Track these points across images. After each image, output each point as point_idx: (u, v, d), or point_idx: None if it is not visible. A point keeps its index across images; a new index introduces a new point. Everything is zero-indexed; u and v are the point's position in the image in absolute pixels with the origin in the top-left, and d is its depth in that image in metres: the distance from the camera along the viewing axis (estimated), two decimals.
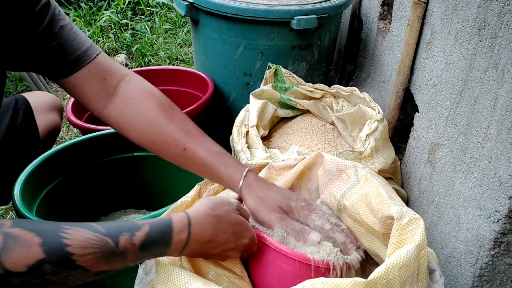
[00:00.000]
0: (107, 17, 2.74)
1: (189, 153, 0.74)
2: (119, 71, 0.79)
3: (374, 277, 0.54)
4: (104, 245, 0.53)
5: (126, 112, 0.77)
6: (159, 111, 0.76)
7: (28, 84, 2.15)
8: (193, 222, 0.60)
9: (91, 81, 0.76)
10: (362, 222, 0.73)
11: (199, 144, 0.74)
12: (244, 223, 0.66)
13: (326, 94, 1.29)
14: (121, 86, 0.78)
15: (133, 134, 0.78)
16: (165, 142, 0.75)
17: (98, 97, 0.78)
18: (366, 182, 0.74)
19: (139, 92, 0.78)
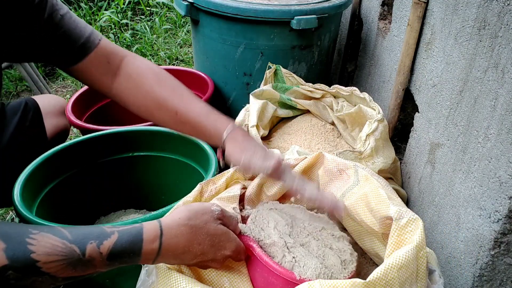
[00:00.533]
0: (107, 17, 2.74)
1: (181, 117, 0.80)
2: (119, 52, 0.86)
3: (373, 278, 0.54)
4: (70, 253, 0.52)
5: (127, 88, 0.84)
6: (153, 82, 0.83)
7: (28, 84, 2.15)
8: (165, 232, 0.58)
9: (97, 65, 0.82)
10: (361, 222, 0.73)
11: (190, 107, 0.80)
12: (225, 234, 0.63)
13: (326, 94, 1.29)
14: (122, 67, 0.85)
15: (134, 107, 0.85)
16: (160, 109, 0.81)
17: (104, 79, 0.84)
18: (366, 183, 0.74)
19: (137, 68, 0.84)
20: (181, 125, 0.82)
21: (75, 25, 0.79)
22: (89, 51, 0.80)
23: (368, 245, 0.76)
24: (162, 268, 0.62)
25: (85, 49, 0.80)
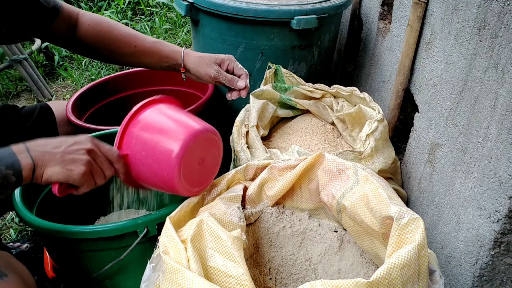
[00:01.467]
0: (107, 17, 2.74)
1: (139, 48, 1.02)
2: (74, 11, 1.03)
3: (376, 278, 0.54)
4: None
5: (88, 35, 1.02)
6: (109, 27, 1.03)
7: (28, 84, 2.15)
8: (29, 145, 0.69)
9: (65, 22, 1.00)
10: (361, 223, 0.73)
11: (143, 40, 1.03)
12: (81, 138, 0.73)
13: (326, 94, 1.29)
14: (79, 20, 1.03)
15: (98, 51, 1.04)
16: (120, 47, 1.02)
17: (68, 33, 1.02)
18: (366, 183, 0.74)
19: (92, 18, 1.03)
20: (141, 56, 1.03)
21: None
22: (59, 12, 0.98)
23: (368, 246, 0.76)
24: (170, 264, 0.62)
25: (56, 10, 0.97)
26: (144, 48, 1.02)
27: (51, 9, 0.97)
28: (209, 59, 1.00)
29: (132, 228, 0.85)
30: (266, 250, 0.83)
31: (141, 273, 0.69)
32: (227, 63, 1.01)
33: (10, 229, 1.38)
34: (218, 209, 0.75)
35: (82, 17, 1.03)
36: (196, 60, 1.01)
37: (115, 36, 1.02)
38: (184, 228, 0.71)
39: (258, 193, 0.84)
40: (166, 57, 1.03)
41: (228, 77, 0.99)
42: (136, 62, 1.06)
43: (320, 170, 0.83)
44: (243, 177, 0.86)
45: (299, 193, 0.87)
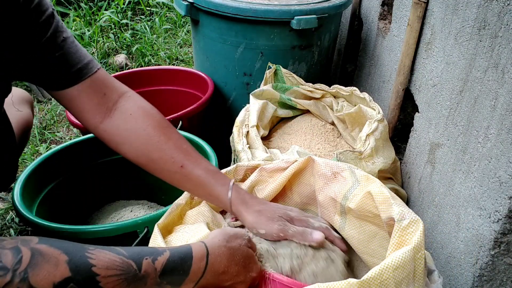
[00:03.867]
0: (107, 17, 2.74)
1: (186, 171, 0.75)
2: (119, 88, 0.81)
3: (368, 277, 0.54)
4: (128, 268, 0.53)
5: (126, 128, 0.77)
6: (157, 129, 0.77)
7: (28, 84, 2.15)
8: (210, 252, 0.60)
9: (91, 95, 0.77)
10: (375, 218, 0.72)
11: (196, 163, 0.76)
12: (253, 257, 0.66)
13: (326, 94, 1.29)
14: (121, 102, 0.79)
15: (130, 149, 0.78)
16: (162, 159, 0.76)
17: (96, 111, 0.78)
18: (368, 182, 0.74)
19: (139, 109, 0.78)
20: (184, 179, 0.76)
21: (76, 50, 0.76)
22: (84, 77, 0.76)
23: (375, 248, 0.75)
24: None
25: (81, 74, 0.76)
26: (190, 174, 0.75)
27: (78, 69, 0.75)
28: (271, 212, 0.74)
29: (132, 228, 0.85)
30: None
31: None
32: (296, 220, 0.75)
33: (10, 229, 1.38)
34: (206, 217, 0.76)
35: (125, 104, 0.79)
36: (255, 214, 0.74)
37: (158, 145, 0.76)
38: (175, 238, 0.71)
39: None
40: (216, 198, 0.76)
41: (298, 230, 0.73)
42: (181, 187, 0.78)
43: (314, 175, 0.82)
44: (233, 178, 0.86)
45: (290, 196, 0.87)
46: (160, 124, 0.78)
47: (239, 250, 0.63)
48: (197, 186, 0.75)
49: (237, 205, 0.74)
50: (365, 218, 0.75)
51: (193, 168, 0.75)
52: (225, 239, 0.63)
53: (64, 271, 0.48)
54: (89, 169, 1.16)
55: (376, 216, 0.71)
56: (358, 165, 1.03)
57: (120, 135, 0.78)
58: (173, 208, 0.77)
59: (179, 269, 0.57)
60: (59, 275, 0.47)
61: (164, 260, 0.56)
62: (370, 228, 0.76)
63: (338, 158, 0.99)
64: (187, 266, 0.58)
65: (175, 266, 0.57)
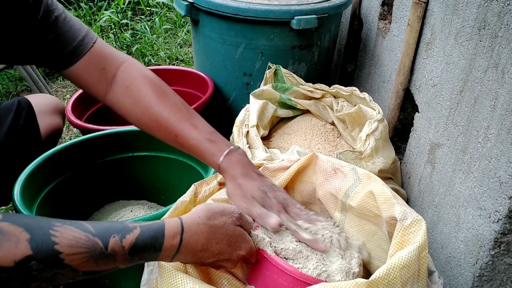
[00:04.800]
0: (107, 17, 2.74)
1: (180, 139, 0.78)
2: (116, 58, 0.82)
3: (376, 277, 0.54)
4: (93, 246, 0.52)
5: (125, 100, 0.80)
6: (154, 97, 0.79)
7: (28, 84, 2.15)
8: (186, 229, 0.59)
9: (91, 70, 0.79)
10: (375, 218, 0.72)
11: (190, 131, 0.78)
12: (241, 235, 0.64)
13: (326, 94, 1.29)
14: (118, 74, 0.81)
15: (132, 120, 0.82)
16: (159, 128, 0.79)
17: (99, 85, 0.80)
18: (369, 180, 0.74)
19: (135, 79, 0.80)
20: (180, 147, 0.80)
21: (69, 26, 0.77)
22: (81, 55, 0.77)
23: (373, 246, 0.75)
24: (166, 268, 0.62)
25: (77, 52, 0.77)
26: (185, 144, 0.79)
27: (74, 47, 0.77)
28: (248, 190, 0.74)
29: None
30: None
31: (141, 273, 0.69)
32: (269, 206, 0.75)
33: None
34: None
35: (122, 75, 0.81)
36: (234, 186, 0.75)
37: (151, 114, 0.79)
38: None
39: None
40: (208, 163, 0.79)
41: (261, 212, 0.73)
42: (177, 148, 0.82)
43: (316, 172, 0.82)
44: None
45: (291, 195, 0.87)
46: (157, 92, 0.80)
47: (222, 228, 0.62)
48: (192, 153, 0.79)
49: (224, 173, 0.76)
50: (365, 217, 0.75)
51: (188, 137, 0.77)
52: (207, 216, 0.61)
53: (24, 249, 0.48)
54: (89, 169, 1.15)
55: (376, 216, 0.72)
56: (358, 165, 1.03)
57: (122, 107, 0.81)
58: (178, 205, 0.77)
59: (149, 247, 0.56)
60: (20, 253, 0.48)
61: (133, 238, 0.55)
62: (370, 227, 0.76)
63: (338, 158, 0.99)
64: (158, 244, 0.57)
65: (145, 244, 0.56)
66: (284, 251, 0.66)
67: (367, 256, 0.73)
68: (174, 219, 0.60)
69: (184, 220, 0.60)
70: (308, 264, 0.64)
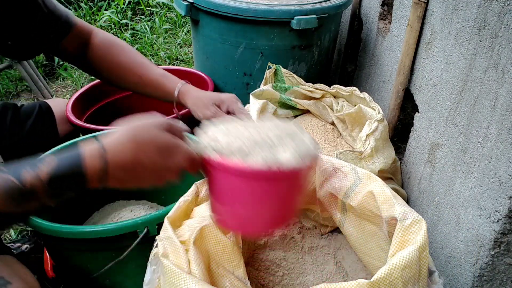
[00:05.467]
0: (107, 17, 2.74)
1: (144, 78, 0.99)
2: (87, 26, 1.00)
3: (377, 278, 0.54)
4: (6, 183, 0.51)
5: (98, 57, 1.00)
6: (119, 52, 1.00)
7: (28, 84, 2.15)
8: (108, 149, 0.57)
9: (75, 42, 0.97)
10: (375, 218, 0.72)
11: (149, 72, 1.00)
12: (174, 144, 0.61)
13: (326, 94, 1.29)
14: (91, 39, 1.00)
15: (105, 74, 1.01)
16: (128, 73, 0.99)
17: (79, 53, 0.99)
18: (370, 180, 0.74)
19: (103, 40, 1.00)
20: (146, 87, 1.00)
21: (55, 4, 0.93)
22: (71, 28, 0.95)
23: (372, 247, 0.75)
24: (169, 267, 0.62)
25: (68, 25, 0.94)
26: (149, 80, 0.99)
27: (62, 24, 0.93)
28: (207, 100, 0.95)
29: (132, 228, 0.85)
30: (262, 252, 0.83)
31: (141, 273, 0.69)
32: (226, 104, 0.94)
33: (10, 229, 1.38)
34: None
35: (95, 36, 0.99)
36: (194, 100, 0.96)
37: (122, 62, 0.99)
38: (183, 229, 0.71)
39: None
40: (167, 93, 0.99)
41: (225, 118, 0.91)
42: (142, 92, 1.02)
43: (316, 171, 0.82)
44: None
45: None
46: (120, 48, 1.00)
47: (149, 141, 0.59)
48: (155, 88, 1.00)
49: (182, 95, 0.98)
50: (365, 217, 0.75)
51: (150, 74, 0.99)
52: (132, 134, 0.59)
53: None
54: None
55: (376, 216, 0.72)
56: (358, 165, 1.03)
57: (98, 64, 1.00)
58: (180, 203, 0.77)
59: (70, 174, 0.55)
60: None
61: (48, 168, 0.54)
62: (369, 228, 0.76)
63: (338, 158, 0.99)
64: (78, 169, 0.55)
65: (64, 171, 0.54)
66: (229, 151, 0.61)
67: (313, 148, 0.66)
68: (91, 142, 0.58)
69: (104, 141, 0.58)
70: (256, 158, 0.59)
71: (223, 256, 0.67)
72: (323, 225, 0.88)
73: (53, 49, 0.95)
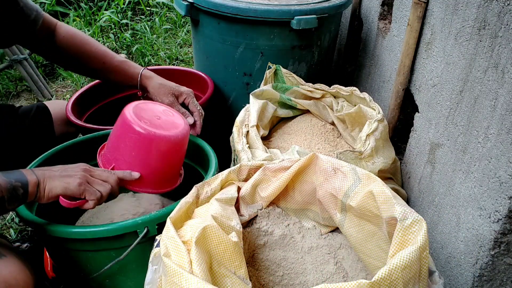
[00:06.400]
0: (107, 17, 2.74)
1: (107, 64, 1.10)
2: (52, 22, 1.10)
3: (378, 278, 0.54)
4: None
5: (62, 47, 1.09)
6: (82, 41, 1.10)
7: (28, 84, 2.15)
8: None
9: (43, 34, 1.07)
10: (375, 218, 0.72)
11: (112, 58, 1.11)
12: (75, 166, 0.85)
13: (326, 94, 1.29)
14: (56, 31, 1.09)
15: (70, 63, 1.14)
16: (92, 59, 1.10)
17: (48, 43, 1.09)
18: (369, 181, 0.74)
19: (67, 32, 1.10)
20: (108, 73, 1.11)
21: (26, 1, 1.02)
22: (39, 22, 1.05)
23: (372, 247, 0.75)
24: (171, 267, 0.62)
25: (37, 19, 1.04)
26: (111, 66, 1.11)
27: (32, 19, 1.03)
28: (168, 89, 1.09)
29: (132, 228, 0.85)
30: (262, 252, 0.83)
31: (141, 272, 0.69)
32: (184, 97, 1.11)
33: (10, 229, 1.38)
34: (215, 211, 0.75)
35: (59, 28, 1.10)
36: (156, 86, 1.10)
37: (86, 50, 1.09)
38: (185, 229, 0.71)
39: (251, 194, 0.84)
40: (130, 77, 1.12)
41: (180, 110, 1.09)
42: (105, 79, 1.15)
43: (316, 172, 0.82)
44: (236, 178, 0.86)
45: (291, 194, 0.87)
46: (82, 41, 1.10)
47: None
48: (117, 73, 1.11)
49: (145, 79, 1.10)
50: (364, 217, 0.75)
51: (112, 61, 1.10)
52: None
53: None
54: None
55: (376, 216, 0.72)
56: (358, 165, 1.03)
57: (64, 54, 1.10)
58: (182, 205, 0.77)
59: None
60: None
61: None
62: (369, 228, 0.76)
63: (338, 158, 0.99)
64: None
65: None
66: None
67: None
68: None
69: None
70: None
71: (225, 256, 0.67)
72: (323, 225, 0.88)
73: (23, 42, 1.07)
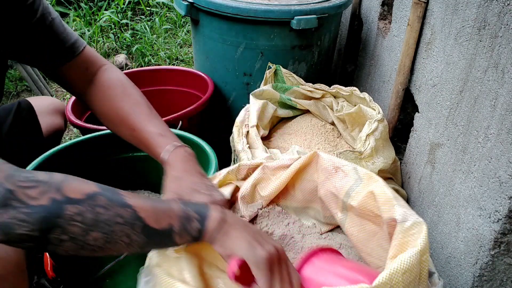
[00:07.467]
0: (107, 17, 2.74)
1: (136, 133, 0.84)
2: (98, 62, 0.90)
3: (379, 283, 0.54)
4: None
5: (97, 98, 0.89)
6: (119, 96, 0.87)
7: (28, 84, 2.15)
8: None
9: (77, 70, 0.87)
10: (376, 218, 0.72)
11: (146, 127, 0.84)
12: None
13: (326, 94, 1.29)
14: (97, 76, 0.89)
15: (101, 117, 0.90)
16: (121, 124, 0.86)
17: (81, 84, 0.89)
18: (371, 181, 0.74)
19: (108, 80, 0.89)
20: (137, 142, 0.86)
21: (63, 29, 0.84)
22: (75, 55, 0.85)
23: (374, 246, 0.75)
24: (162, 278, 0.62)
25: (72, 52, 0.85)
26: (140, 138, 0.85)
27: (66, 49, 0.84)
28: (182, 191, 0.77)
29: None
30: None
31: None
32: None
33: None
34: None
35: (100, 76, 0.89)
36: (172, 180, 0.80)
37: (119, 109, 0.86)
38: None
39: (251, 193, 0.84)
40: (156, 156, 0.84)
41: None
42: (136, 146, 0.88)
43: (317, 170, 0.82)
44: (235, 177, 0.86)
45: (292, 193, 0.87)
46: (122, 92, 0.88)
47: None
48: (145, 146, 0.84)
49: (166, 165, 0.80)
50: (365, 217, 0.75)
51: (143, 130, 0.83)
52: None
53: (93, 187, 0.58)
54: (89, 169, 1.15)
55: (377, 216, 0.71)
56: (358, 165, 1.03)
57: (96, 105, 0.90)
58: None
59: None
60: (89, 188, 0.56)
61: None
62: (370, 227, 0.76)
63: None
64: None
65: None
66: None
67: None
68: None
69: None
70: None
71: (217, 256, 0.68)
72: (323, 223, 0.88)
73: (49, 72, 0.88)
